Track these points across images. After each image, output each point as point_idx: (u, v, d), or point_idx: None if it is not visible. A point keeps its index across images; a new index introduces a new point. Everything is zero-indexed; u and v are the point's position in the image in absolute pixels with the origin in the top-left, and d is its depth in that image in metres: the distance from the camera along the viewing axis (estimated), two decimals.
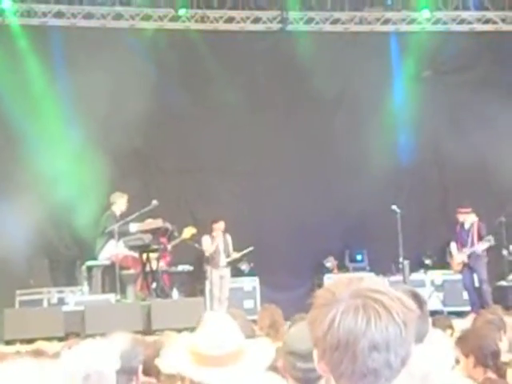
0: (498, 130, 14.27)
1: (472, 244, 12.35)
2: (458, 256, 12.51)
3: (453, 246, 12.69)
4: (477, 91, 14.41)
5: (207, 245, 12.88)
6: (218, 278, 12.75)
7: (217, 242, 12.89)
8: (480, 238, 12.35)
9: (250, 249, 13.16)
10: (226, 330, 2.94)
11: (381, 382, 1.76)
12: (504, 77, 14.67)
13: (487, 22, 15.59)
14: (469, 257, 12.36)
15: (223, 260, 12.94)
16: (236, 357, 2.90)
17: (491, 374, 4.36)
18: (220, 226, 12.96)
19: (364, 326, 1.73)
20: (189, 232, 12.69)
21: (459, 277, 13.05)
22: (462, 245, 12.50)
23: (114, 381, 3.21)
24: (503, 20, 15.62)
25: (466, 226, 12.53)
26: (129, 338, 4.01)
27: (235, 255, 13.16)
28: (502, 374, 4.45)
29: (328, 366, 1.80)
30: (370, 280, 1.83)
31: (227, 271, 13.05)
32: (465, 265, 12.45)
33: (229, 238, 13.08)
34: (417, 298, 2.99)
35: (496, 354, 4.42)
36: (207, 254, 12.87)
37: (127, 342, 3.87)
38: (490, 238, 12.28)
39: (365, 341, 1.72)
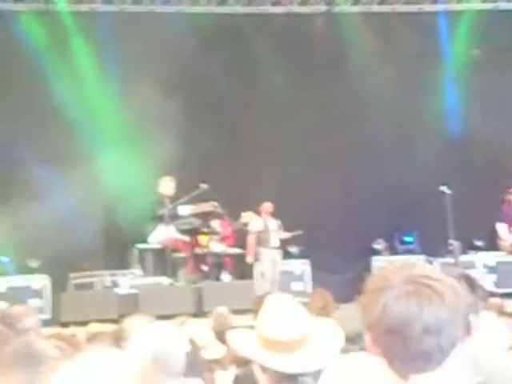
0: None
1: None
2: (509, 237, 12.37)
3: (500, 226, 12.51)
4: None
5: (256, 225, 12.88)
6: (269, 261, 12.76)
7: (266, 222, 12.91)
8: None
9: (300, 232, 13.18)
10: (292, 314, 2.90)
11: (432, 365, 1.81)
12: None
13: None
14: None
15: (274, 239, 12.91)
16: (304, 341, 2.86)
17: None
18: (267, 206, 12.96)
19: (416, 310, 1.77)
20: (248, 216, 12.78)
21: None
22: (511, 225, 12.35)
23: (183, 363, 3.25)
24: None
25: None
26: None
27: (286, 235, 13.17)
28: None
29: (381, 349, 1.84)
30: (421, 266, 1.88)
31: (278, 254, 13.04)
32: None
33: (279, 222, 13.08)
34: (469, 280, 2.99)
35: None
36: (253, 233, 12.82)
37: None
38: None
39: (417, 325, 1.77)
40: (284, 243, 13.54)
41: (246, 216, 12.76)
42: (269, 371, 2.86)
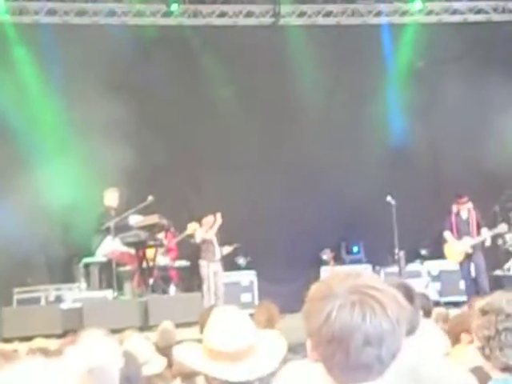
0: (491, 119, 14.32)
1: (473, 234, 12.30)
2: (459, 246, 12.37)
3: (448, 235, 12.59)
4: (470, 81, 14.44)
5: (201, 236, 12.86)
6: (212, 274, 12.74)
7: (210, 234, 12.89)
8: (478, 227, 12.33)
9: (238, 245, 13.22)
10: (238, 325, 2.95)
11: (372, 376, 1.81)
12: (496, 66, 14.69)
13: (479, 12, 15.63)
14: (472, 247, 12.30)
15: (218, 252, 12.93)
16: (251, 351, 2.91)
17: None
18: (210, 220, 12.94)
19: (359, 321, 1.76)
20: (192, 228, 12.74)
21: (456, 267, 13.08)
22: (459, 235, 12.42)
23: (117, 377, 3.23)
24: (495, 10, 15.66)
25: (464, 216, 12.49)
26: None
27: (228, 249, 13.20)
28: None
29: (321, 357, 1.84)
30: (366, 276, 1.87)
31: (220, 266, 13.03)
32: (467, 255, 12.35)
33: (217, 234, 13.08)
34: (408, 291, 3.01)
35: None
36: (198, 241, 12.80)
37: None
38: (504, 226, 12.34)
39: (359, 336, 1.76)
40: (231, 255, 13.54)
41: (191, 227, 12.73)
42: (215, 382, 2.88)
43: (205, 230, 12.92)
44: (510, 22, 15.56)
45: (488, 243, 12.41)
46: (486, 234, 12.34)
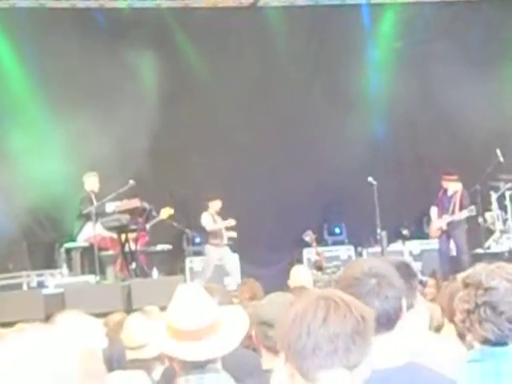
0: (470, 100, 14.34)
1: (453, 212, 12.38)
2: (437, 222, 12.51)
3: (433, 210, 12.66)
4: (449, 61, 14.46)
5: (208, 222, 12.78)
6: (217, 258, 12.74)
7: (217, 220, 12.83)
8: (462, 207, 12.37)
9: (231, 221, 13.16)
10: (200, 303, 2.95)
11: (338, 360, 1.88)
12: (475, 46, 14.72)
13: None
14: (448, 224, 12.40)
15: (225, 237, 12.91)
16: (212, 329, 2.91)
17: None
18: (217, 204, 12.86)
19: (323, 315, 1.88)
20: (166, 213, 12.65)
21: (437, 246, 13.10)
22: (442, 211, 12.50)
23: (101, 357, 3.21)
24: None
25: (449, 193, 12.53)
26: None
27: (233, 234, 13.12)
28: None
29: (292, 356, 1.91)
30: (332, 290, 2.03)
31: (228, 249, 12.97)
32: (443, 231, 12.47)
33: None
34: (408, 269, 3.02)
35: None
36: (208, 229, 12.75)
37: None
38: (472, 208, 12.35)
39: (325, 328, 1.87)
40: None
41: (165, 212, 12.61)
42: (176, 360, 2.89)
43: (211, 217, 12.78)
44: (489, 1, 15.58)
45: (458, 221, 12.46)
46: (464, 214, 12.38)
